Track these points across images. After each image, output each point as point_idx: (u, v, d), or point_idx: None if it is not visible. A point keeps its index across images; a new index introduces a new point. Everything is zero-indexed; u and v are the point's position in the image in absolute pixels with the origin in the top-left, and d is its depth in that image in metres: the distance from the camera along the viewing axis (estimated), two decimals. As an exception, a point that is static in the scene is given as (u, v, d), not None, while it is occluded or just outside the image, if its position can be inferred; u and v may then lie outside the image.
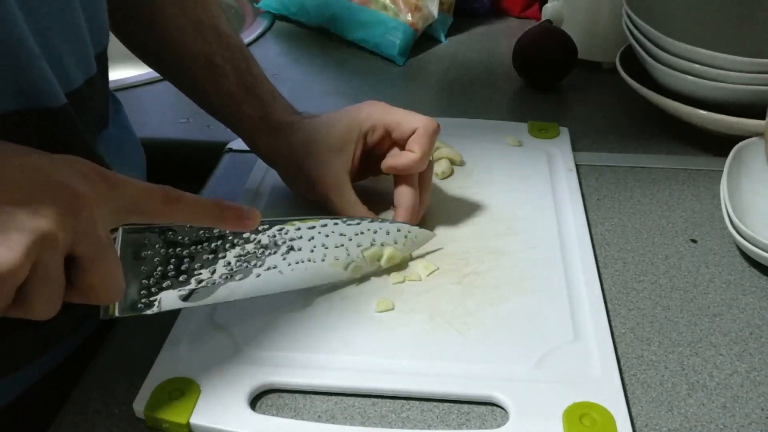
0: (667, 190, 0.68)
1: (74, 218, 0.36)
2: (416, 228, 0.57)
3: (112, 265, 0.39)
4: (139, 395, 0.46)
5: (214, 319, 0.52)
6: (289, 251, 0.51)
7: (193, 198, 0.42)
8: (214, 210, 0.43)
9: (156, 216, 0.41)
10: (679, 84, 0.72)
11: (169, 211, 0.41)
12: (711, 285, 0.57)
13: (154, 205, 0.40)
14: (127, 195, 0.39)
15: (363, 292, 0.54)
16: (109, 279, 0.39)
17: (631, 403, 0.47)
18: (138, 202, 0.40)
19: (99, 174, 0.38)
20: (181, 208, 0.42)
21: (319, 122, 0.60)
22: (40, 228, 0.35)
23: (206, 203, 0.43)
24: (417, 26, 0.96)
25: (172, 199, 0.41)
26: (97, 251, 0.38)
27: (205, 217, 0.43)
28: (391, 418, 0.46)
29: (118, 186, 0.39)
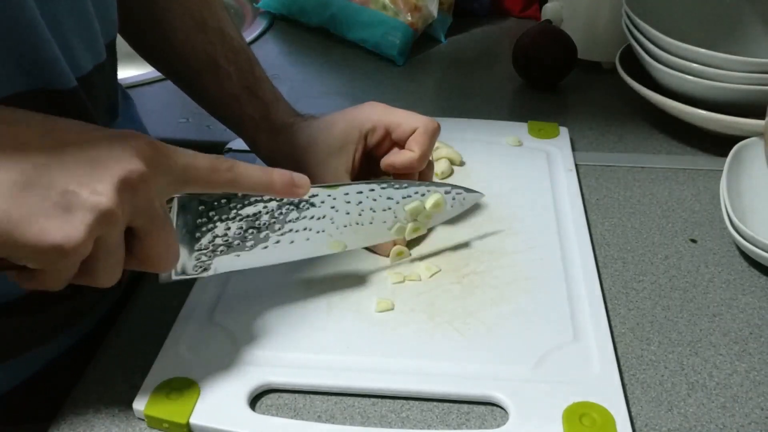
0: (667, 190, 0.68)
1: (132, 194, 0.38)
2: (463, 188, 0.58)
3: (168, 235, 0.41)
4: (139, 395, 0.46)
5: (213, 319, 0.52)
6: (336, 215, 0.52)
7: (243, 167, 0.44)
8: (264, 178, 0.45)
9: (208, 185, 0.43)
10: (678, 84, 0.72)
11: (220, 179, 0.43)
12: (711, 285, 0.57)
13: (205, 174, 0.42)
14: (179, 165, 0.41)
15: (363, 292, 0.54)
16: (165, 248, 0.41)
17: (631, 403, 0.47)
18: (189, 171, 0.41)
19: (152, 147, 0.40)
20: (231, 176, 0.43)
21: (319, 123, 0.60)
22: (100, 206, 0.36)
23: (256, 172, 0.44)
24: (417, 26, 0.95)
25: (221, 168, 0.42)
26: (153, 223, 0.40)
27: (255, 185, 0.45)
28: (391, 418, 0.46)
29: (169, 157, 0.40)
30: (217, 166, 0.42)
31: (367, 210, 0.54)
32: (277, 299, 0.53)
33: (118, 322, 0.54)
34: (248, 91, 0.62)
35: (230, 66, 0.62)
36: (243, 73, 0.62)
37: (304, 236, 0.51)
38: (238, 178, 0.44)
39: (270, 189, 0.46)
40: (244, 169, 0.44)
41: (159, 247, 0.41)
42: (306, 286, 0.54)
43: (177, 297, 0.53)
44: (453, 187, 0.57)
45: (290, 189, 0.46)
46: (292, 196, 0.47)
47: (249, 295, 0.53)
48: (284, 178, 0.46)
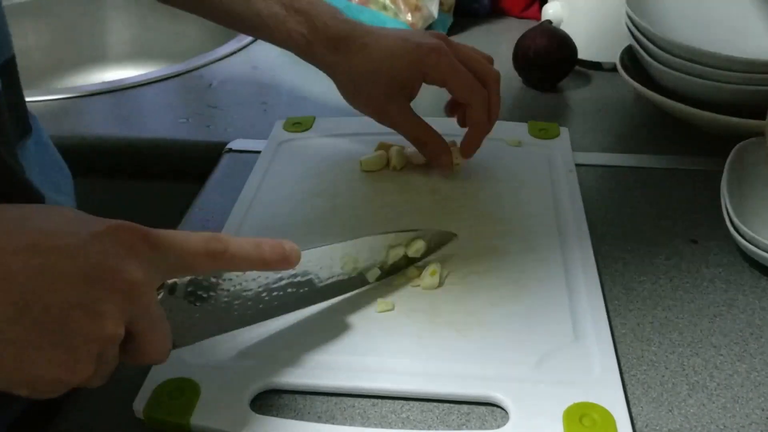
0: (668, 190, 0.68)
1: (132, 305, 0.36)
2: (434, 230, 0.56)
3: (162, 334, 0.39)
4: (139, 395, 0.46)
5: (214, 319, 0.51)
6: (322, 270, 0.51)
7: (236, 245, 0.41)
8: (255, 255, 0.42)
9: (202, 270, 0.41)
10: (679, 84, 0.72)
11: (215, 265, 0.41)
12: (711, 285, 0.57)
13: (199, 261, 0.40)
14: (172, 254, 0.39)
15: (363, 292, 0.54)
16: (157, 344, 0.39)
17: (632, 404, 0.47)
18: (183, 261, 0.39)
19: (144, 239, 0.37)
20: (225, 261, 0.41)
21: (381, 49, 0.60)
22: (104, 333, 0.35)
23: (248, 249, 0.42)
24: (417, 26, 0.95)
25: (216, 254, 0.40)
26: (149, 327, 0.38)
27: (248, 263, 0.42)
28: (391, 418, 0.46)
29: (161, 247, 0.38)
30: (212, 252, 0.40)
31: (350, 263, 0.52)
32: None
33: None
34: (285, 6, 0.61)
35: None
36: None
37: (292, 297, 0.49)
38: (233, 258, 0.41)
39: (263, 265, 0.43)
40: (238, 251, 0.41)
41: (153, 344, 0.39)
42: (306, 287, 0.54)
43: (177, 297, 0.53)
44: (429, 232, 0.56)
45: (282, 263, 0.44)
46: (286, 267, 0.45)
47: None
48: (275, 252, 0.43)
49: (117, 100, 0.89)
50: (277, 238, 0.44)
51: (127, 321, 0.36)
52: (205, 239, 0.40)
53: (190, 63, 0.95)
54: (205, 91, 0.90)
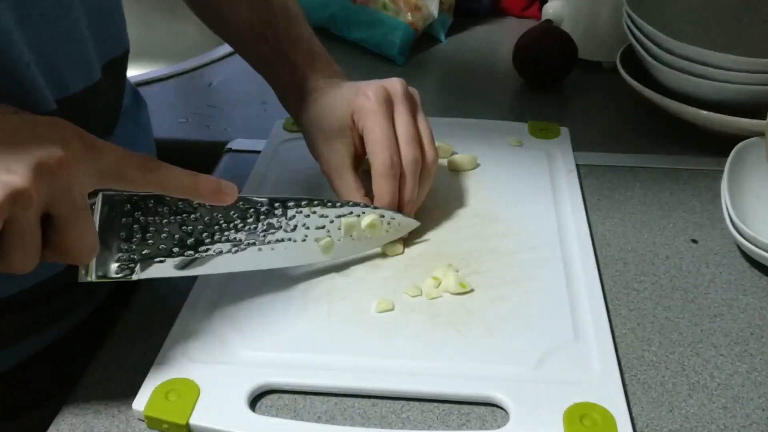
0: (668, 190, 0.68)
1: (50, 177, 0.37)
2: (400, 215, 0.57)
3: (86, 226, 0.40)
4: (139, 395, 0.46)
5: (213, 319, 0.51)
6: (269, 229, 0.51)
7: (170, 169, 0.43)
8: (189, 181, 0.44)
9: (133, 183, 0.42)
10: (679, 84, 0.72)
11: (146, 179, 0.42)
12: (712, 285, 0.57)
13: (131, 172, 0.41)
14: (106, 159, 0.40)
15: (363, 292, 0.54)
16: (82, 240, 0.40)
17: (632, 404, 0.47)
18: (116, 167, 0.41)
19: (79, 136, 0.39)
20: (158, 177, 0.43)
21: (330, 97, 0.59)
22: (13, 184, 0.36)
23: (183, 175, 0.44)
24: (417, 26, 0.95)
25: (149, 167, 0.42)
26: (71, 211, 0.39)
27: (181, 188, 0.44)
28: (392, 418, 0.46)
29: (96, 149, 0.40)
30: (146, 166, 0.42)
31: (300, 227, 0.53)
32: (278, 299, 0.53)
33: (118, 321, 0.54)
34: (281, 54, 0.62)
35: (266, 30, 0.62)
36: (277, 37, 0.62)
37: (231, 247, 0.50)
38: (165, 180, 0.43)
39: (196, 194, 0.45)
40: (172, 172, 0.43)
41: (76, 236, 0.40)
42: (306, 287, 0.54)
43: (177, 297, 0.53)
44: (389, 213, 0.56)
45: (216, 195, 0.46)
46: (218, 202, 0.46)
47: (249, 295, 0.53)
48: (211, 184, 0.45)
49: (117, 99, 0.88)
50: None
51: (46, 198, 0.37)
52: (140, 155, 0.42)
53: (190, 63, 0.95)
54: (205, 91, 0.90)
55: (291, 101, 0.63)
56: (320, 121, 0.59)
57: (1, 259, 0.38)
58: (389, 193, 0.56)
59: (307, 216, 0.53)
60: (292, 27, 0.63)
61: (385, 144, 0.55)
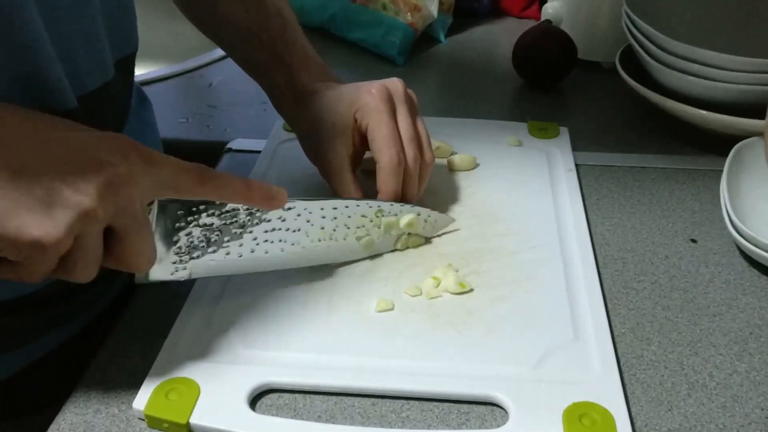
0: (667, 189, 0.68)
1: (114, 195, 0.39)
2: (436, 213, 0.59)
3: (146, 238, 0.42)
4: (139, 395, 0.46)
5: (214, 319, 0.52)
6: (311, 229, 0.53)
7: (224, 177, 0.45)
8: (243, 189, 0.46)
9: (189, 193, 0.44)
10: (678, 84, 0.72)
11: (202, 190, 0.44)
12: (711, 285, 0.57)
13: (188, 183, 0.43)
14: (163, 172, 0.42)
15: (363, 292, 0.54)
16: (142, 250, 0.42)
17: (631, 403, 0.47)
18: (173, 180, 0.42)
19: (138, 152, 0.40)
20: (213, 187, 0.45)
21: (329, 98, 0.59)
22: (82, 205, 0.37)
23: (236, 183, 0.46)
24: (417, 26, 0.95)
25: (204, 178, 0.44)
26: (133, 225, 0.40)
27: (235, 195, 0.46)
28: (391, 418, 0.46)
29: (155, 164, 0.41)
30: (202, 177, 0.44)
31: (342, 227, 0.55)
32: (278, 299, 0.53)
33: (118, 321, 0.54)
34: (276, 57, 0.62)
35: (262, 33, 0.62)
36: (273, 40, 0.62)
37: (278, 247, 0.52)
38: (220, 189, 0.45)
39: (249, 200, 0.47)
40: (226, 181, 0.45)
41: (137, 248, 0.41)
42: (306, 286, 0.54)
43: (177, 297, 0.53)
44: (425, 211, 0.58)
45: (268, 201, 0.48)
46: (270, 207, 0.49)
47: (249, 295, 0.53)
48: (263, 190, 0.47)
49: (117, 100, 0.89)
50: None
51: (111, 214, 0.39)
52: (196, 166, 0.44)
53: (191, 63, 0.95)
54: (205, 91, 0.90)
55: (286, 104, 0.63)
56: (320, 122, 0.59)
57: (65, 270, 0.39)
58: (393, 189, 0.57)
59: (348, 216, 0.55)
60: (286, 30, 0.63)
61: (391, 141, 0.56)
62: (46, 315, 0.56)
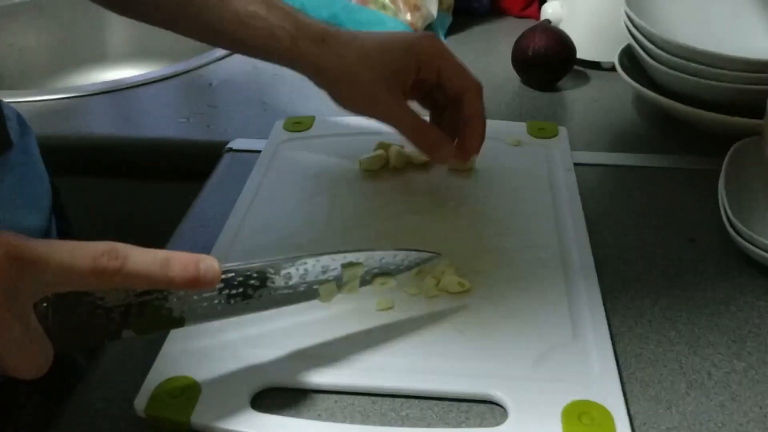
0: (666, 189, 0.68)
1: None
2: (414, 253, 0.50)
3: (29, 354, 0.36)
4: (140, 394, 0.46)
5: (214, 318, 0.52)
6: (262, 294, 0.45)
7: (134, 262, 0.36)
8: (161, 274, 0.37)
9: (90, 287, 0.37)
10: (677, 83, 0.73)
11: (103, 282, 0.36)
12: (709, 284, 0.57)
13: (83, 279, 0.36)
14: (51, 270, 0.35)
15: (363, 291, 0.54)
16: (24, 366, 0.36)
17: (630, 402, 0.47)
18: (64, 277, 0.35)
19: (10, 256, 0.34)
20: (118, 278, 0.36)
21: (371, 40, 0.59)
22: None
23: (152, 267, 0.37)
24: (416, 26, 0.96)
25: (105, 269, 0.36)
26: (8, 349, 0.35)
27: (151, 283, 0.38)
28: (391, 416, 0.46)
29: (35, 264, 0.35)
30: (101, 267, 0.35)
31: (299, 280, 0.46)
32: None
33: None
34: (266, 4, 0.58)
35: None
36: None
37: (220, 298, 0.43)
38: (129, 278, 0.36)
39: (171, 286, 0.39)
40: (136, 266, 0.36)
41: (18, 366, 0.36)
42: (306, 286, 0.55)
43: (177, 296, 0.53)
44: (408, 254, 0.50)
45: (194, 284, 0.38)
46: (199, 288, 0.40)
47: (249, 294, 0.54)
48: (186, 272, 0.38)
49: (117, 100, 0.89)
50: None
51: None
52: (95, 255, 0.35)
53: (191, 62, 0.95)
54: (206, 91, 0.90)
55: (303, 45, 0.58)
56: (368, 61, 0.58)
57: None
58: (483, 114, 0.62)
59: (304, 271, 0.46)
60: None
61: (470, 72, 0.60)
62: None
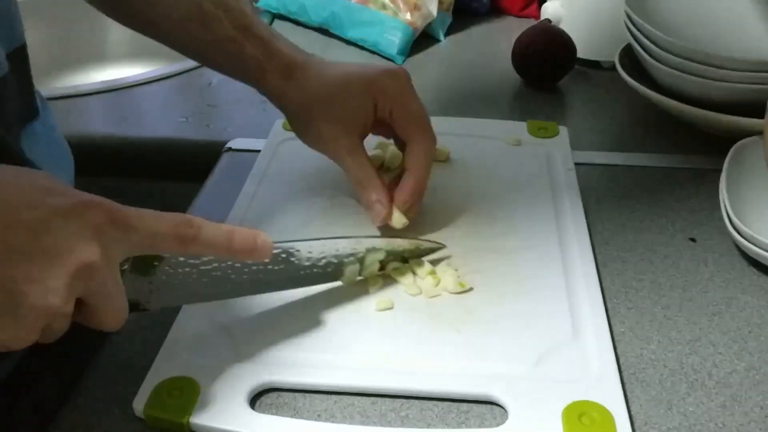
0: (666, 189, 0.68)
1: (85, 284, 0.37)
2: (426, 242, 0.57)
3: (116, 305, 0.40)
4: (139, 394, 0.46)
5: (214, 318, 0.52)
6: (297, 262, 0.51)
7: (207, 234, 0.42)
8: (226, 243, 0.43)
9: (170, 251, 0.42)
10: (678, 83, 0.72)
11: (183, 250, 0.42)
12: (710, 284, 0.57)
13: (166, 245, 0.41)
14: (139, 234, 0.39)
15: (363, 291, 0.54)
16: (112, 316, 0.40)
17: (631, 402, 0.47)
18: (149, 242, 0.40)
19: (110, 219, 0.38)
20: (193, 248, 0.42)
21: (336, 74, 0.58)
22: (50, 307, 0.35)
23: (219, 238, 0.42)
24: (416, 25, 0.96)
25: (183, 238, 0.41)
26: (103, 302, 0.39)
27: (218, 252, 0.43)
28: (391, 417, 0.46)
29: (131, 229, 0.39)
30: (180, 237, 0.41)
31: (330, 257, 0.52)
32: (277, 298, 0.53)
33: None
34: (243, 29, 0.58)
35: (218, 9, 0.58)
36: (233, 14, 0.58)
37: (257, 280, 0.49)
38: (202, 246, 0.42)
39: (232, 255, 0.44)
40: (208, 235, 0.42)
41: (105, 317, 0.40)
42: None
43: (177, 296, 0.53)
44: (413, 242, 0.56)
45: (251, 255, 0.45)
46: (253, 260, 0.46)
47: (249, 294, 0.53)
48: (246, 243, 0.44)
49: (116, 99, 0.89)
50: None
51: (81, 294, 0.37)
52: (176, 223, 0.40)
53: (190, 62, 0.95)
54: (205, 90, 0.90)
55: (270, 77, 0.59)
56: (323, 101, 0.57)
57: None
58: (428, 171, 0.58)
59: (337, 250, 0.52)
60: (246, 3, 0.60)
61: (428, 122, 0.57)
62: None
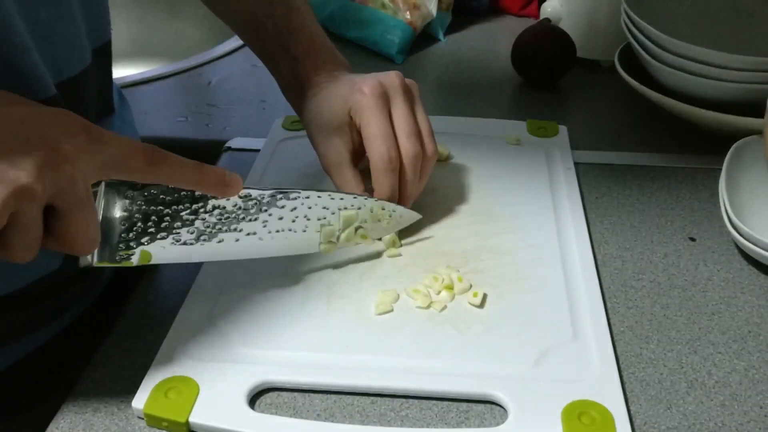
0: (666, 188, 0.68)
1: (54, 172, 0.37)
2: (401, 207, 0.57)
3: (88, 217, 0.40)
4: (138, 394, 0.46)
5: (213, 318, 0.52)
6: (270, 219, 0.52)
7: (175, 160, 0.43)
8: (195, 173, 0.45)
9: (138, 174, 0.42)
10: (677, 82, 0.72)
11: (152, 171, 0.42)
12: (709, 283, 0.57)
13: (136, 164, 0.41)
14: (111, 151, 0.40)
15: (362, 289, 0.54)
16: (84, 230, 0.40)
17: (630, 402, 0.47)
18: (121, 160, 0.41)
19: (83, 128, 0.39)
20: (164, 170, 0.43)
21: (328, 90, 0.59)
22: (18, 181, 0.36)
23: (188, 167, 0.44)
24: (416, 25, 0.95)
25: (155, 160, 0.42)
26: (75, 204, 0.39)
27: (186, 180, 0.45)
28: (390, 416, 0.46)
29: (101, 141, 0.40)
30: (151, 158, 0.42)
31: (301, 218, 0.53)
32: (277, 298, 0.53)
33: (118, 320, 0.54)
34: (282, 46, 0.62)
35: (267, 20, 0.62)
36: (278, 28, 0.62)
37: (233, 237, 0.50)
38: (170, 172, 0.44)
39: (201, 184, 0.46)
40: (177, 164, 0.44)
41: (79, 228, 0.40)
42: (305, 285, 0.54)
43: (176, 295, 0.53)
44: (390, 205, 0.57)
45: (221, 187, 0.46)
46: (223, 194, 0.48)
47: (248, 293, 0.53)
48: (215, 176, 0.46)
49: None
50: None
51: (51, 192, 0.37)
52: (146, 146, 0.42)
53: (189, 61, 0.95)
54: (204, 90, 0.90)
55: (293, 95, 0.63)
56: (318, 117, 0.59)
57: (4, 249, 0.38)
58: (389, 187, 0.56)
59: (309, 208, 0.53)
60: (292, 17, 0.62)
61: (381, 139, 0.56)
62: (44, 307, 0.55)
